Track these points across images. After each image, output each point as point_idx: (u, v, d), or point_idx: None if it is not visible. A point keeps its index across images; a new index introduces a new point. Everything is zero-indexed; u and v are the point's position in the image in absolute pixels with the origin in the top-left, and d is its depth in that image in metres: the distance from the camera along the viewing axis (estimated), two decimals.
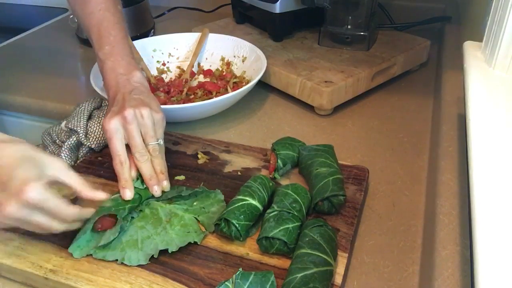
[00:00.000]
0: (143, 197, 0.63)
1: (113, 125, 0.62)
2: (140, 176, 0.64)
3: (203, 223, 0.60)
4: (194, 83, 0.97)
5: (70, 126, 0.75)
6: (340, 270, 0.53)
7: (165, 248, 0.56)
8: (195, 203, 0.63)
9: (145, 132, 0.64)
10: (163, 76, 1.00)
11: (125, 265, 0.55)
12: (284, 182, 0.67)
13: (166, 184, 0.64)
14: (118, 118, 0.62)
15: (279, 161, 0.68)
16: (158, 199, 0.64)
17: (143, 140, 0.64)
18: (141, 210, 0.62)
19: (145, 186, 0.63)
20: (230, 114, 0.88)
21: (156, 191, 0.63)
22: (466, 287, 0.45)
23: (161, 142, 0.66)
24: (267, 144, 0.77)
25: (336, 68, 0.89)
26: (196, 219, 0.61)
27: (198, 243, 0.57)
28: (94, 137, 0.74)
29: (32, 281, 0.56)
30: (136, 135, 0.63)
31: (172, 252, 0.56)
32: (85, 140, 0.73)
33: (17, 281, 0.57)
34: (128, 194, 0.61)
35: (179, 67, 1.02)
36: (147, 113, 0.64)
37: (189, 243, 0.57)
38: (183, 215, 0.61)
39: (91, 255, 0.56)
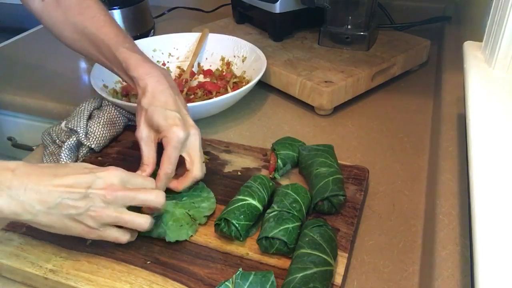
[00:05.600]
0: None
1: (183, 138, 0.61)
2: None
3: (194, 217, 0.60)
4: (194, 83, 0.97)
5: (70, 126, 0.75)
6: (340, 270, 0.53)
7: (162, 236, 0.57)
8: (184, 199, 0.63)
9: (201, 151, 0.65)
10: None
11: (125, 265, 0.55)
12: (284, 182, 0.67)
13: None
14: (186, 133, 0.62)
15: (279, 161, 0.68)
16: None
17: None
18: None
19: None
20: (230, 114, 0.88)
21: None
22: (466, 287, 0.45)
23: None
24: (267, 144, 0.77)
25: (336, 68, 0.89)
26: (187, 213, 0.61)
27: (193, 235, 0.58)
28: (94, 137, 0.74)
29: (32, 281, 0.56)
30: (200, 156, 0.64)
31: (173, 252, 0.56)
32: (85, 140, 0.73)
33: (17, 281, 0.57)
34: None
35: (179, 67, 1.02)
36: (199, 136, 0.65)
37: (189, 242, 0.57)
38: (174, 211, 0.61)
39: (90, 254, 0.56)
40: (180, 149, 0.61)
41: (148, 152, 0.63)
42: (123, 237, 0.55)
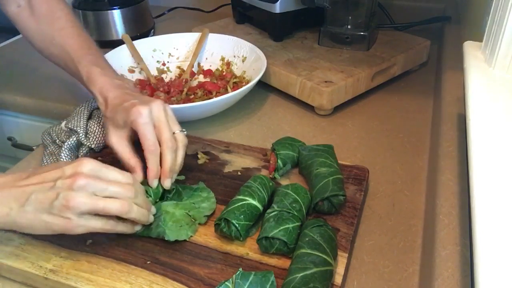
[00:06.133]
0: (153, 197, 0.62)
1: (146, 112, 0.61)
2: None
3: (194, 217, 0.60)
4: (194, 83, 0.97)
5: (70, 126, 0.75)
6: (340, 270, 0.53)
7: (161, 236, 0.57)
8: (184, 199, 0.63)
9: (172, 122, 0.64)
10: (163, 76, 1.00)
11: (125, 265, 0.55)
12: (284, 182, 0.67)
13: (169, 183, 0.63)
14: (148, 107, 0.61)
15: (279, 161, 0.68)
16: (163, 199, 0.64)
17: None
18: None
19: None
20: (230, 114, 0.88)
21: (167, 185, 0.62)
22: (466, 287, 0.45)
23: (185, 132, 0.65)
24: (267, 144, 0.77)
25: (336, 68, 0.89)
26: (188, 214, 0.61)
27: (193, 235, 0.58)
28: (94, 137, 0.74)
29: (32, 281, 0.56)
30: (167, 125, 0.62)
31: (173, 252, 0.56)
32: (85, 140, 0.73)
33: (17, 281, 0.57)
34: (156, 183, 0.62)
35: (179, 67, 1.02)
36: (169, 107, 0.64)
37: (188, 242, 0.57)
38: (174, 211, 0.61)
39: (90, 254, 0.56)
40: (150, 123, 0.61)
41: (125, 152, 0.64)
42: (106, 225, 0.54)
